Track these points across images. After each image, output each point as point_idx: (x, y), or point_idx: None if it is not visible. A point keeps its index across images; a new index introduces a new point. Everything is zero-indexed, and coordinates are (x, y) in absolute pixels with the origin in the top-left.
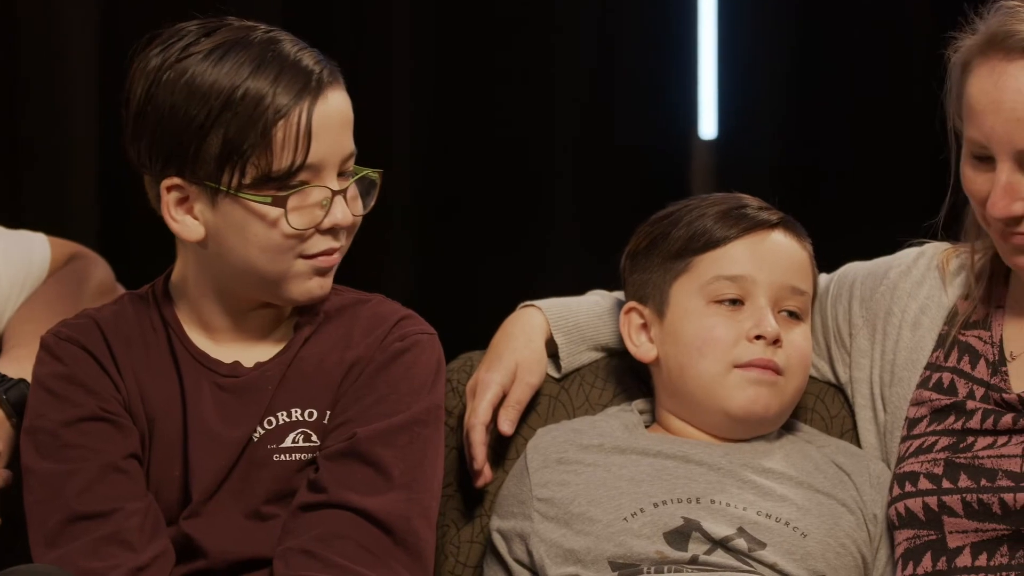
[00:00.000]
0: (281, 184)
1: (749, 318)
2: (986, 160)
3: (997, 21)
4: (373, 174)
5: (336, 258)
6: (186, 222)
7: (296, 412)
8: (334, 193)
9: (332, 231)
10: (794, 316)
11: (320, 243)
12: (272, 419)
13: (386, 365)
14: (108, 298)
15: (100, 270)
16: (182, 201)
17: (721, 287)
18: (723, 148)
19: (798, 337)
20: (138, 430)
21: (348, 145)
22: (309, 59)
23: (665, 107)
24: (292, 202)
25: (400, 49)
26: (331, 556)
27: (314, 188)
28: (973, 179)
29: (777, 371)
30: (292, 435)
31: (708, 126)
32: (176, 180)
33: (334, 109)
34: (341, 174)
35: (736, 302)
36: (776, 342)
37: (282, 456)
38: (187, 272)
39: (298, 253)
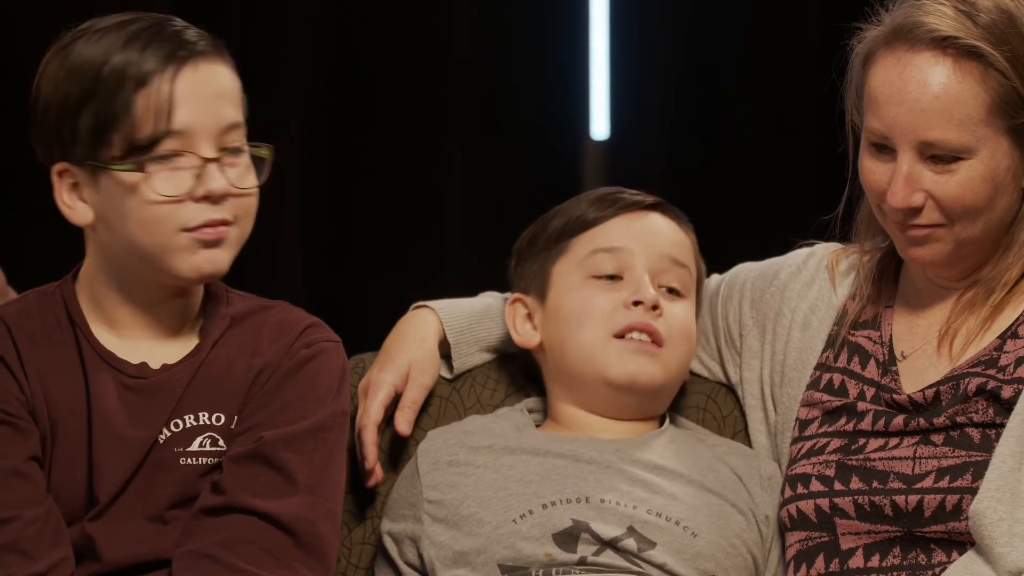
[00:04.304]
0: (146, 153)
1: (627, 287)
2: (886, 150)
3: (903, 13)
4: (261, 151)
5: (223, 231)
6: (76, 207)
7: (204, 416)
8: (206, 161)
9: (210, 199)
10: (675, 292)
11: (199, 213)
12: (179, 422)
13: (293, 372)
14: (0, 299)
15: None
16: (74, 187)
17: (599, 261)
18: (615, 148)
19: (679, 310)
20: (40, 431)
21: (226, 116)
22: (191, 34)
23: (557, 107)
24: (158, 169)
25: (290, 50)
26: (234, 561)
27: (183, 155)
28: (872, 170)
29: (657, 342)
30: (199, 439)
31: (600, 126)
32: (63, 165)
33: (205, 78)
34: (226, 149)
35: (615, 278)
36: (655, 308)
37: (188, 460)
38: (92, 266)
39: (179, 226)
